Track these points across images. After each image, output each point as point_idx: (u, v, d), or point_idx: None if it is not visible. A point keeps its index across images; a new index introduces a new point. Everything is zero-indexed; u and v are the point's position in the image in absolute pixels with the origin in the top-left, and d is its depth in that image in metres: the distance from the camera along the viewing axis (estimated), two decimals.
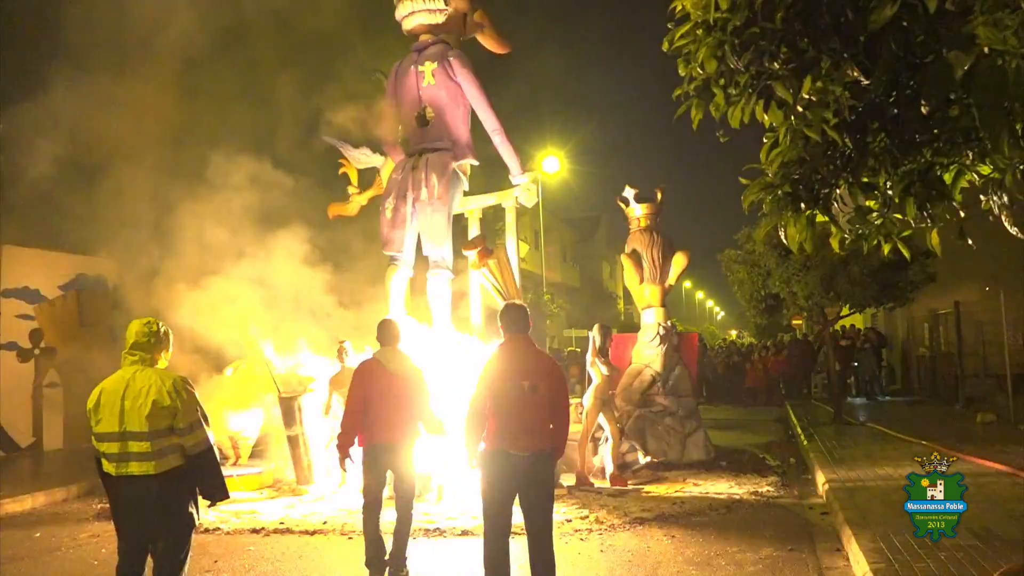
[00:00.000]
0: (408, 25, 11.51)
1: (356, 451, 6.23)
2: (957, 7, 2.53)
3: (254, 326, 10.11)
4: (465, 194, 11.91)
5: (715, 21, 3.28)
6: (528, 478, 5.09)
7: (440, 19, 11.30)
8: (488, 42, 11.96)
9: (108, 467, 4.44)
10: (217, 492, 4.70)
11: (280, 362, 10.27)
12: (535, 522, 5.12)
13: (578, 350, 22.18)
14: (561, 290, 38.23)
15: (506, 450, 5.04)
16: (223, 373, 11.52)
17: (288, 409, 9.89)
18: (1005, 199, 3.44)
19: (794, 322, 30.62)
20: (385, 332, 6.44)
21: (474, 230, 12.11)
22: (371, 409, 6.09)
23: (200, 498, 4.69)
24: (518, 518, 5.24)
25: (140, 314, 4.80)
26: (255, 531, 7.99)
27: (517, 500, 5.19)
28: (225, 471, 9.56)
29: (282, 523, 8.25)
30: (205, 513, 4.80)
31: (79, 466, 11.25)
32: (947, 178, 3.55)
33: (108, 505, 4.68)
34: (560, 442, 5.29)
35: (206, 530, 7.85)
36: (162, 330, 4.66)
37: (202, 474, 4.60)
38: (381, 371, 6.18)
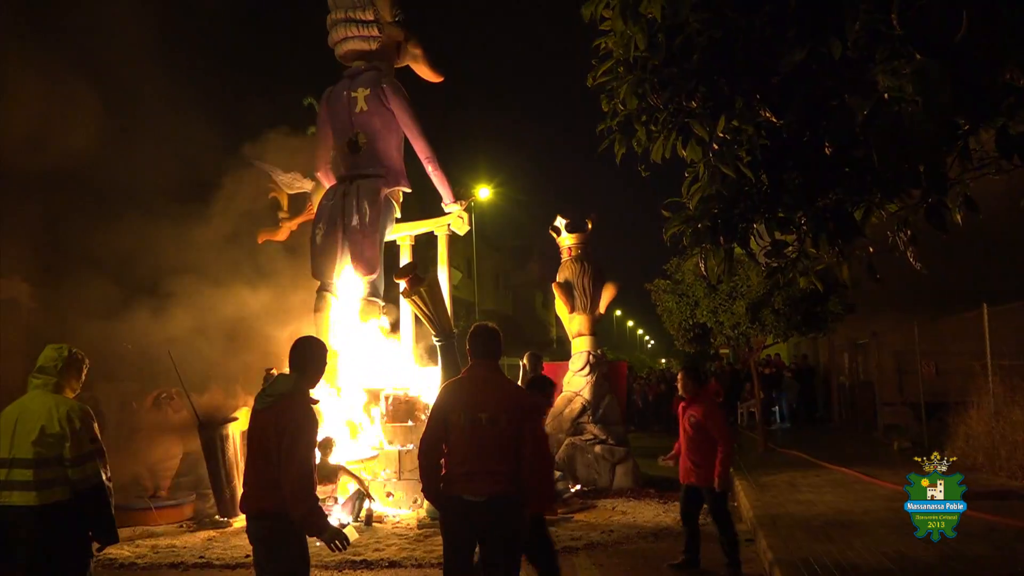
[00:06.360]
0: (341, 51, 11.51)
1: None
2: (859, 55, 2.67)
3: (169, 352, 9.79)
4: (397, 221, 11.89)
5: (635, 59, 3.39)
6: (486, 528, 4.34)
7: (374, 46, 11.33)
8: (422, 71, 12.04)
9: None
10: (105, 535, 4.33)
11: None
12: None
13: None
14: (493, 318, 38.23)
15: (460, 495, 4.34)
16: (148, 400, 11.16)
17: (208, 439, 9.58)
18: (910, 233, 3.62)
19: (721, 351, 31.18)
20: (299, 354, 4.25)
21: (405, 258, 12.09)
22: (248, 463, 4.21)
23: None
24: None
25: (56, 340, 4.59)
26: (173, 566, 7.72)
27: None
28: (143, 503, 9.29)
29: (202, 557, 7.99)
30: (94, 557, 4.40)
31: None
32: (857, 215, 3.71)
33: None
34: (528, 484, 4.44)
35: (121, 566, 7.56)
36: (73, 356, 4.43)
37: (89, 513, 4.23)
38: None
